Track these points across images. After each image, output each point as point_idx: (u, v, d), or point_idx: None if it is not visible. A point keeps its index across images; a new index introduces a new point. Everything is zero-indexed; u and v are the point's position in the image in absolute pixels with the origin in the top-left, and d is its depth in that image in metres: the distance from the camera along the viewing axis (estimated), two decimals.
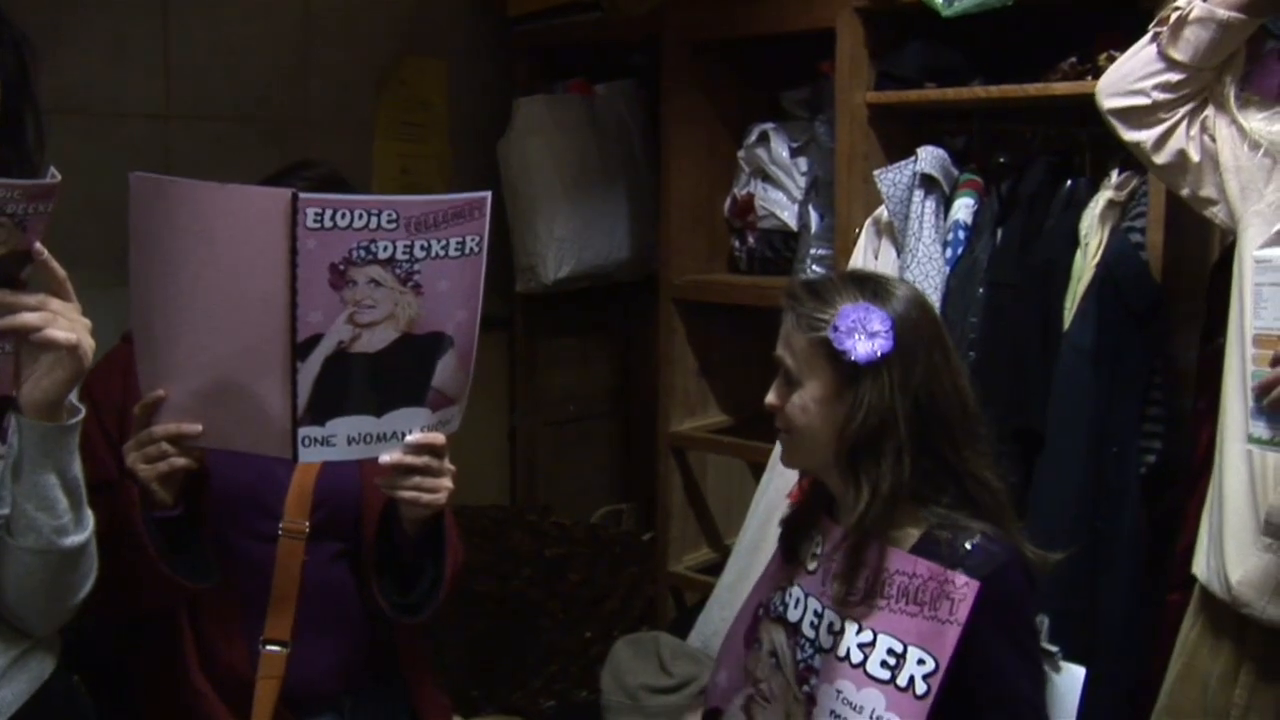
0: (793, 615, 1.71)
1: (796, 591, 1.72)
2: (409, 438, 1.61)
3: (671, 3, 2.95)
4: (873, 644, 1.58)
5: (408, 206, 1.49)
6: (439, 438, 1.65)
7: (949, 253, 2.43)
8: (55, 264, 1.31)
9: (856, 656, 1.59)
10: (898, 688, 1.54)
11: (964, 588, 1.54)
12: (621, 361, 3.76)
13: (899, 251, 2.48)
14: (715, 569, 3.00)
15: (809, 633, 1.67)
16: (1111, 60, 2.25)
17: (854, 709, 1.57)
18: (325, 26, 2.95)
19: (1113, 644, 2.12)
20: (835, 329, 1.61)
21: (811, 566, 1.72)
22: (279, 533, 1.81)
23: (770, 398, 1.73)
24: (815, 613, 1.67)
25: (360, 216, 1.46)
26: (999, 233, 2.42)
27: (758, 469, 2.84)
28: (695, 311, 3.09)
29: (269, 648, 1.78)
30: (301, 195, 1.43)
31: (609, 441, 3.76)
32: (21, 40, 1.42)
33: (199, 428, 1.55)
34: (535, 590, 3.09)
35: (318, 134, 2.92)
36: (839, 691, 1.59)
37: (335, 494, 1.85)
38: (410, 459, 1.63)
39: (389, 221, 1.47)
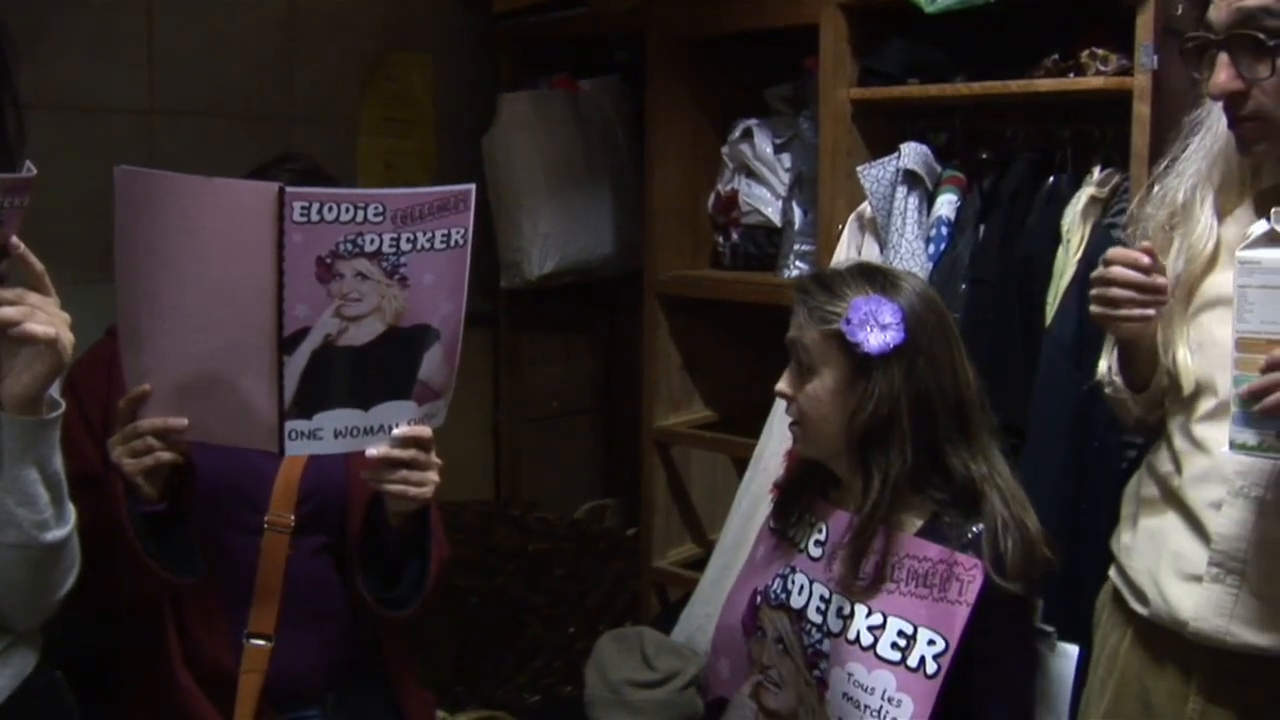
0: (796, 601, 1.73)
1: (800, 578, 1.74)
2: (395, 431, 1.62)
3: None
4: (883, 626, 1.62)
5: (394, 199, 1.49)
6: (425, 431, 1.65)
7: (932, 249, 2.44)
8: (33, 257, 1.31)
9: (867, 639, 1.62)
10: (908, 668, 1.58)
11: (972, 570, 1.59)
12: (606, 357, 3.76)
13: (882, 247, 2.49)
14: (699, 564, 3.01)
15: (815, 617, 1.69)
16: (1094, 58, 2.27)
17: (865, 690, 1.60)
18: (310, 21, 2.94)
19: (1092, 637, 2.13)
20: (848, 321, 1.66)
21: (816, 553, 1.74)
22: (264, 526, 1.81)
23: (783, 386, 1.76)
24: (822, 598, 1.70)
25: (347, 210, 1.46)
26: (981, 229, 2.43)
27: (741, 464, 2.85)
28: (679, 307, 3.10)
29: (253, 641, 1.78)
30: (288, 189, 1.43)
31: (593, 437, 3.77)
32: (0, 32, 1.42)
33: (184, 422, 1.55)
34: (519, 586, 3.09)
35: (302, 129, 2.92)
36: (850, 674, 1.62)
37: (321, 487, 1.85)
38: (397, 452, 1.63)
39: (375, 215, 1.48)
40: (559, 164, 3.19)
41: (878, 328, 1.65)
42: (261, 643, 1.78)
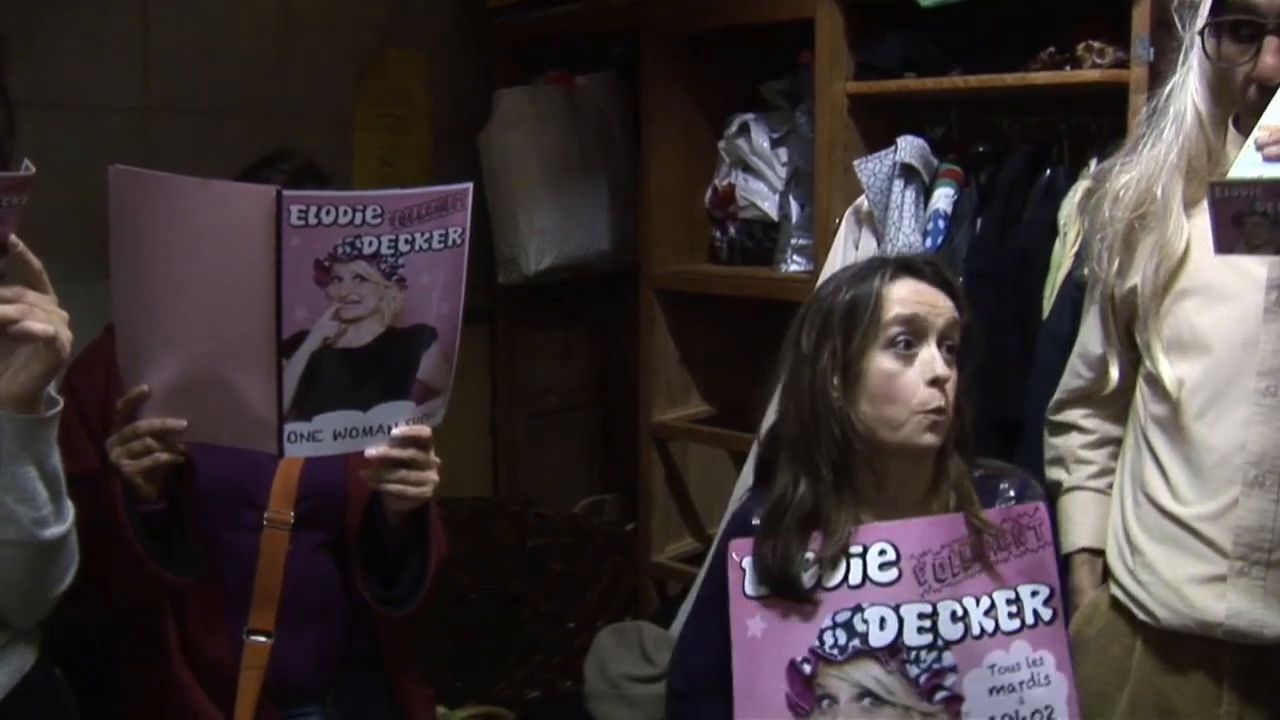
0: (880, 639, 1.57)
1: (877, 611, 1.58)
2: (395, 431, 1.61)
3: None
4: (993, 606, 1.59)
5: (391, 201, 1.49)
6: (424, 430, 1.65)
7: (929, 242, 2.44)
8: (31, 256, 1.31)
9: (989, 625, 1.59)
10: (1029, 627, 1.59)
11: (1036, 513, 1.62)
12: (603, 352, 3.76)
13: (879, 241, 2.49)
14: (697, 559, 3.01)
15: (919, 640, 1.57)
16: (1090, 50, 2.27)
17: (1011, 670, 1.58)
18: (305, 18, 2.94)
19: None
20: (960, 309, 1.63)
21: (886, 576, 1.59)
22: (264, 523, 1.80)
23: (944, 370, 1.59)
24: (922, 615, 1.57)
25: (345, 213, 1.45)
26: (978, 222, 2.43)
27: (739, 458, 2.85)
28: (676, 302, 3.10)
29: (253, 638, 1.78)
30: (286, 193, 1.42)
31: (591, 432, 3.77)
32: None
33: (183, 423, 1.55)
34: (518, 581, 3.09)
35: (298, 126, 2.91)
36: (993, 665, 1.58)
37: (320, 485, 1.85)
38: (396, 452, 1.63)
39: (373, 217, 1.47)
40: (555, 160, 3.19)
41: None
42: (261, 639, 1.78)
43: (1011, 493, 1.65)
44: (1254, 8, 1.54)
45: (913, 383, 1.57)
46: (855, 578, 1.59)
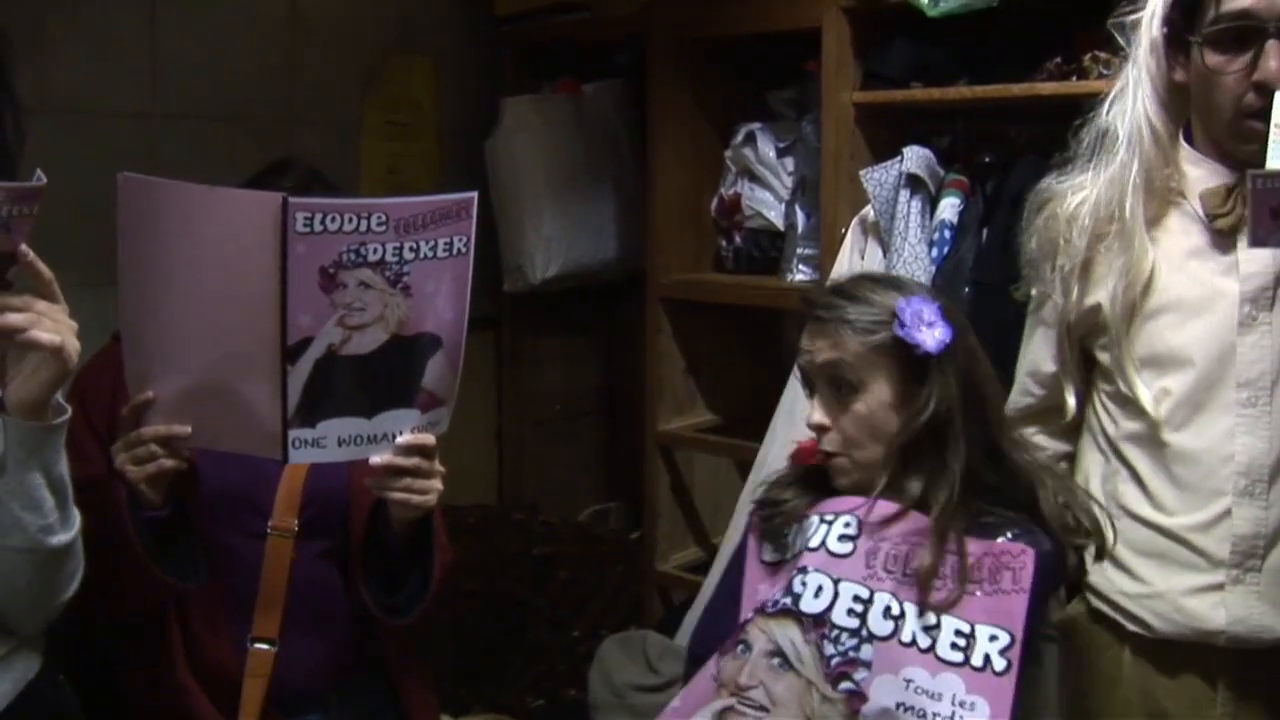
0: (812, 605, 1.55)
1: (817, 578, 1.57)
2: (399, 439, 1.62)
3: (658, 2, 2.95)
4: (937, 626, 1.51)
5: (396, 209, 1.49)
6: (429, 439, 1.65)
7: (935, 252, 2.44)
8: (41, 265, 1.31)
9: (924, 641, 1.50)
10: (974, 668, 1.48)
11: (1021, 555, 1.51)
12: (609, 360, 3.75)
13: (885, 251, 2.49)
14: (702, 568, 3.01)
15: (847, 621, 1.53)
16: (1096, 61, 2.27)
17: (931, 697, 1.48)
18: (312, 25, 2.94)
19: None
20: (901, 325, 1.57)
21: (842, 548, 1.58)
22: (268, 531, 1.81)
23: (819, 418, 1.63)
24: (857, 597, 1.54)
25: (350, 220, 1.46)
26: (984, 232, 2.43)
27: (745, 467, 2.85)
28: (682, 310, 3.10)
29: (257, 645, 1.78)
30: (291, 199, 1.43)
31: (596, 440, 3.76)
32: None
33: (188, 429, 1.56)
34: (522, 589, 3.09)
35: (305, 133, 2.92)
36: (909, 680, 1.49)
37: (324, 493, 1.85)
38: (400, 460, 1.63)
39: (378, 224, 1.48)
40: (561, 168, 3.19)
41: (926, 325, 1.56)
42: (265, 647, 1.78)
43: (1009, 533, 1.56)
44: (1252, 14, 1.55)
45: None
46: (815, 541, 1.60)
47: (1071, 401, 1.81)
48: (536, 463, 3.55)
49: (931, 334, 1.56)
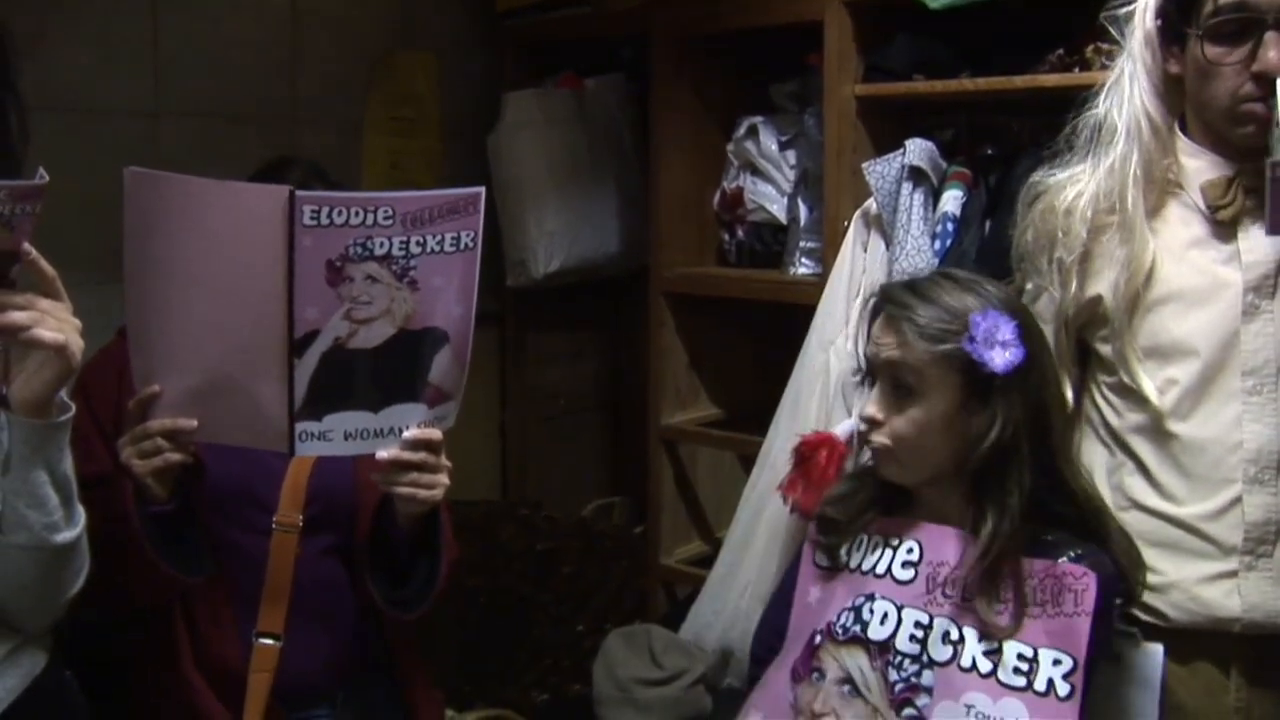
0: (878, 632, 1.57)
1: (882, 605, 1.59)
2: (406, 433, 1.62)
3: None
4: (998, 650, 1.49)
5: (404, 203, 1.49)
6: (435, 433, 1.65)
7: (937, 245, 2.44)
8: (44, 263, 1.31)
9: (985, 666, 1.49)
10: (1037, 693, 1.46)
11: (1084, 578, 1.50)
12: (612, 355, 3.75)
13: (888, 244, 2.48)
14: (706, 562, 3.00)
15: (908, 648, 1.54)
16: (1098, 52, 2.26)
17: None
18: (314, 21, 2.94)
19: None
20: (971, 340, 1.53)
21: (904, 575, 1.59)
22: (273, 526, 1.81)
23: (874, 411, 1.61)
24: (919, 624, 1.55)
25: (357, 213, 1.46)
26: (987, 225, 2.42)
27: (748, 461, 2.84)
28: (685, 305, 3.10)
29: (262, 641, 1.78)
30: (299, 193, 1.43)
31: (600, 435, 3.76)
32: (1, 31, 1.42)
33: (194, 423, 1.56)
34: (526, 584, 3.09)
35: (307, 129, 2.92)
36: (970, 706, 1.48)
37: (329, 488, 1.85)
38: (407, 455, 1.63)
39: (385, 218, 1.48)
40: (564, 162, 3.19)
41: (999, 345, 1.52)
42: (271, 642, 1.78)
43: (1071, 554, 1.54)
44: (1251, 5, 1.56)
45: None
46: (881, 567, 1.61)
47: (1068, 395, 1.82)
48: (540, 458, 3.54)
49: (1003, 354, 1.52)
